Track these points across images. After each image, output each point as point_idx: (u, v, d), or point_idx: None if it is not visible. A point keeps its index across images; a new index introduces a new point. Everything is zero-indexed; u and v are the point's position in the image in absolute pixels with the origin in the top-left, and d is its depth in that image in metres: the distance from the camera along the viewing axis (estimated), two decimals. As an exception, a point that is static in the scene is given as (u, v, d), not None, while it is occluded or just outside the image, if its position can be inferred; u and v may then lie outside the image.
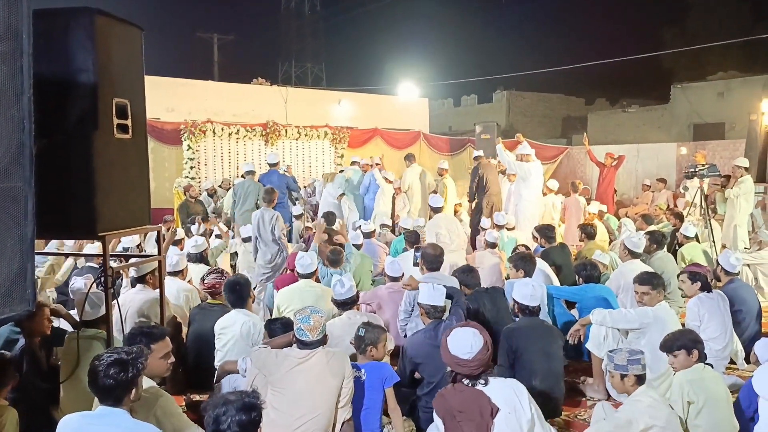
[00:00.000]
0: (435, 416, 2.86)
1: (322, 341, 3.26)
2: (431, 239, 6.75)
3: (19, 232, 2.15)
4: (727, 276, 5.38)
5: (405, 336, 4.57)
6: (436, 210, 7.33)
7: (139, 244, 6.62)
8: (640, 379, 3.12)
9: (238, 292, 4.26)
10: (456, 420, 2.74)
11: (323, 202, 10.09)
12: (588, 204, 9.72)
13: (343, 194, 9.64)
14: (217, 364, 4.11)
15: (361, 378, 3.42)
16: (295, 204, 9.77)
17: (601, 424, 3.21)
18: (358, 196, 10.14)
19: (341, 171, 10.82)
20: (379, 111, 16.17)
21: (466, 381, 2.84)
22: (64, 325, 4.13)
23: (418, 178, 10.60)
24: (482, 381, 2.84)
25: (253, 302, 4.53)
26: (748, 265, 6.92)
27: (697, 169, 8.00)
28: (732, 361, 4.82)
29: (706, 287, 4.76)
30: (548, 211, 9.55)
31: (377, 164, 10.69)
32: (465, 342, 2.83)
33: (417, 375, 3.79)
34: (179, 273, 5.31)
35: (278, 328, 3.80)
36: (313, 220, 9.79)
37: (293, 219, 9.21)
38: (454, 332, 2.92)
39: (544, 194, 9.76)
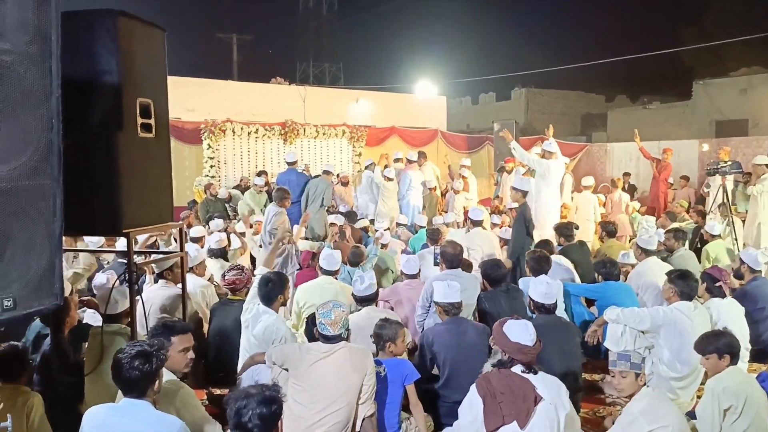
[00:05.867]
0: (471, 395, 2.89)
1: (345, 336, 3.29)
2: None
3: (47, 228, 2.21)
4: (751, 273, 5.31)
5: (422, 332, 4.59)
6: (476, 223, 6.83)
7: (155, 240, 6.72)
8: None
9: (266, 290, 4.01)
10: (497, 400, 2.78)
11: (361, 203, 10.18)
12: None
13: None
14: (240, 362, 4.03)
15: (381, 373, 3.44)
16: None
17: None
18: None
19: (366, 167, 10.80)
20: (396, 109, 16.17)
21: (517, 369, 2.86)
22: (89, 319, 4.23)
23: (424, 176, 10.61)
24: (533, 371, 2.88)
25: (284, 305, 4.29)
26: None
27: (719, 166, 7.89)
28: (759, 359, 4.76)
29: (719, 294, 4.61)
30: (587, 208, 9.42)
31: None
32: (527, 330, 2.89)
33: (434, 371, 3.82)
34: (194, 269, 5.38)
35: None
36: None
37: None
38: (510, 323, 2.97)
39: (579, 191, 9.68)
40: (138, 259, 4.09)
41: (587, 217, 9.28)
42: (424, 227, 8.00)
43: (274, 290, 4.02)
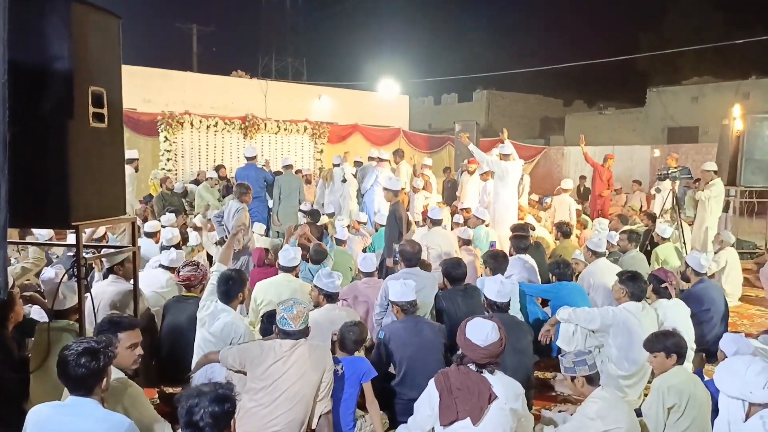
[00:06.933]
0: (430, 389, 2.92)
1: (305, 332, 3.27)
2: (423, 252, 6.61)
3: (-9, 219, 2.13)
4: (696, 276, 5.51)
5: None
6: (436, 222, 6.80)
7: (104, 234, 6.54)
8: (591, 380, 3.16)
9: (225, 287, 3.93)
10: (452, 396, 2.82)
11: (328, 201, 10.05)
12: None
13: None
14: (194, 360, 3.95)
15: (338, 372, 3.44)
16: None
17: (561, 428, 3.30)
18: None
19: (335, 165, 10.68)
20: (359, 107, 16.16)
21: (472, 366, 2.90)
22: (35, 315, 4.08)
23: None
24: (489, 369, 2.91)
25: (242, 302, 4.26)
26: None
27: (669, 172, 8.17)
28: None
29: (665, 295, 4.77)
30: (562, 210, 9.56)
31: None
32: (482, 331, 2.92)
33: (391, 368, 3.83)
34: (174, 269, 5.25)
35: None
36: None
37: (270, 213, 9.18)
38: (476, 320, 3.00)
39: (557, 194, 9.85)
40: (88, 254, 3.96)
41: (563, 219, 9.45)
42: (384, 226, 8.01)
43: (234, 288, 3.96)
